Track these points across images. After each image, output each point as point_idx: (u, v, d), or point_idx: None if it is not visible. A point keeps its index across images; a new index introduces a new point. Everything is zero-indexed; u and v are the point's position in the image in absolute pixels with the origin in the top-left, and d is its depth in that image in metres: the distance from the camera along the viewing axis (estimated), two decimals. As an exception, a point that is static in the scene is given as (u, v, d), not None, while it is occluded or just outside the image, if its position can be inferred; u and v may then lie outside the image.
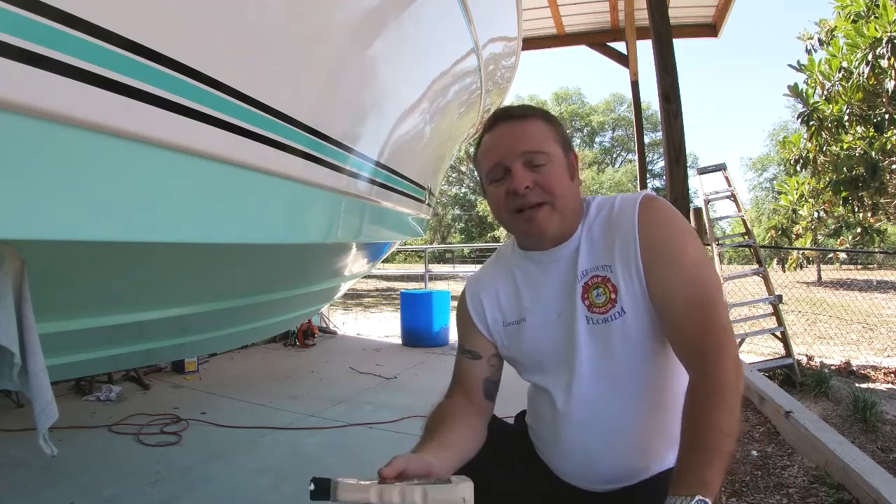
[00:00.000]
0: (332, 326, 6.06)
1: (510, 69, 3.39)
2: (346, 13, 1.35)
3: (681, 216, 0.92)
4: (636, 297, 0.88)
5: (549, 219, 0.90)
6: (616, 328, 0.89)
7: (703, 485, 0.71)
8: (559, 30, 7.03)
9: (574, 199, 0.94)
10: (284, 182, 1.22)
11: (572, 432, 0.94)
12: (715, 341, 0.82)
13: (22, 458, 2.35)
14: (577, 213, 0.95)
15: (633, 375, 0.90)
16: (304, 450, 2.50)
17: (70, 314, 1.30)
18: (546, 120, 0.95)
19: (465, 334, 1.07)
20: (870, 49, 4.42)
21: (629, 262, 0.88)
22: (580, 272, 0.92)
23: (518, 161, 0.90)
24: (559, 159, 0.92)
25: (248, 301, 1.92)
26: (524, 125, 0.93)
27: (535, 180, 0.89)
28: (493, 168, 0.93)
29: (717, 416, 0.77)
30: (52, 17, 0.66)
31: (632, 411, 0.91)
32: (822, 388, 3.63)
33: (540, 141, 0.91)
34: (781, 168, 21.58)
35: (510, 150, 0.91)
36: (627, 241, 0.89)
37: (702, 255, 0.89)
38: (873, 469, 1.96)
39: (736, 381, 0.79)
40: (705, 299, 0.84)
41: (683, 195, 4.12)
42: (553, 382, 0.96)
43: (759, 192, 29.60)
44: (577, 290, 0.92)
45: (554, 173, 0.90)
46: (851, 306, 7.29)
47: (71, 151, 0.74)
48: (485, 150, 0.96)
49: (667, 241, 0.87)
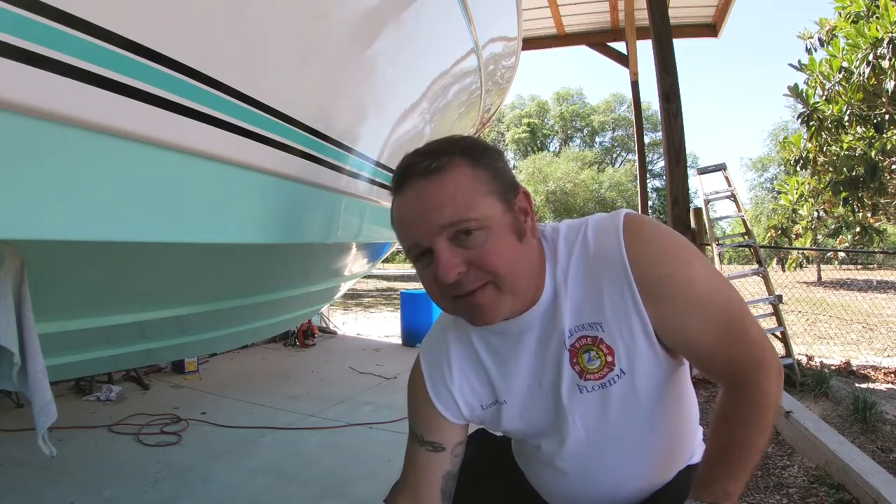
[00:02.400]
0: (332, 326, 6.06)
1: (510, 69, 3.39)
2: (346, 13, 1.35)
3: (672, 233, 0.76)
4: (639, 353, 0.75)
5: (496, 303, 0.71)
6: (616, 392, 0.77)
7: (725, 495, 0.69)
8: (559, 30, 7.03)
9: (528, 266, 0.74)
10: (284, 182, 1.22)
11: (569, 484, 0.86)
12: (752, 361, 0.73)
13: (22, 457, 2.35)
14: (535, 276, 0.75)
15: (636, 432, 0.81)
16: (304, 450, 2.50)
17: (70, 314, 1.30)
18: (470, 160, 0.71)
19: (424, 423, 0.87)
20: (870, 49, 4.42)
21: (626, 314, 0.73)
22: (565, 334, 0.76)
23: (440, 238, 0.68)
24: (497, 220, 0.70)
25: (248, 301, 1.92)
26: (440, 182, 0.69)
27: (467, 260, 0.68)
28: (412, 249, 0.72)
29: (755, 433, 0.71)
30: (52, 17, 0.65)
31: (634, 464, 0.83)
32: (822, 388, 3.62)
33: (465, 203, 0.68)
34: (781, 168, 21.58)
35: (427, 225, 0.69)
36: (618, 287, 0.72)
37: (710, 273, 0.74)
38: (873, 469, 1.96)
39: (777, 398, 0.74)
40: (731, 326, 0.73)
41: (683, 195, 4.12)
42: (547, 447, 0.85)
43: (759, 192, 29.61)
44: (563, 356, 0.76)
45: (492, 246, 0.69)
46: (851, 306, 7.29)
47: (71, 151, 0.74)
48: (397, 224, 0.74)
49: (669, 276, 0.71)
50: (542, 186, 24.82)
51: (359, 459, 2.36)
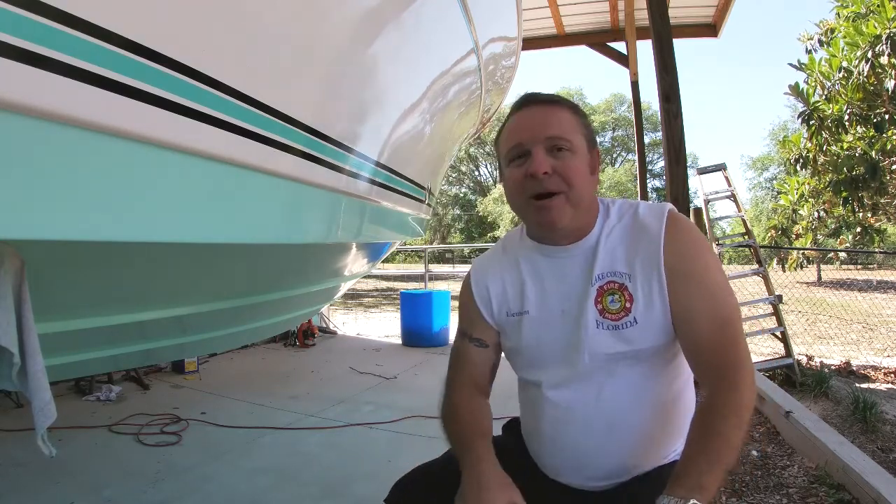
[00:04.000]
0: (332, 326, 6.06)
1: (510, 69, 3.39)
2: (346, 13, 1.35)
3: (703, 235, 0.92)
4: (652, 310, 0.87)
5: (562, 210, 0.88)
6: (624, 336, 0.88)
7: (700, 489, 0.73)
8: (559, 30, 7.03)
9: (590, 194, 0.92)
10: (284, 182, 1.22)
11: (569, 429, 0.93)
12: (734, 359, 0.83)
13: (22, 457, 2.35)
14: (591, 210, 0.93)
15: (634, 379, 0.90)
16: (304, 450, 2.50)
17: (70, 314, 1.30)
18: (574, 111, 0.93)
19: (470, 322, 1.05)
20: (870, 47, 4.42)
21: (651, 275, 0.87)
22: (596, 275, 0.90)
23: (540, 145, 0.88)
24: (582, 151, 0.90)
25: (248, 301, 1.92)
26: (552, 110, 0.91)
27: (554, 167, 0.87)
28: (514, 148, 0.90)
29: (730, 429, 0.78)
30: (52, 17, 0.65)
31: (631, 411, 0.90)
32: (822, 388, 3.62)
33: (565, 128, 0.89)
34: (782, 168, 21.58)
35: (534, 133, 0.88)
36: (652, 254, 0.87)
37: (724, 276, 0.89)
38: (873, 469, 1.96)
39: (751, 399, 0.81)
40: (727, 320, 0.85)
41: (683, 195, 4.11)
42: (550, 380, 0.95)
43: (759, 192, 29.61)
44: (590, 293, 0.90)
45: (575, 163, 0.88)
46: (851, 306, 7.28)
47: (71, 151, 0.74)
48: (508, 131, 0.94)
49: (692, 260, 0.87)
50: (542, 186, 24.79)
51: (359, 459, 2.36)
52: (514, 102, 0.95)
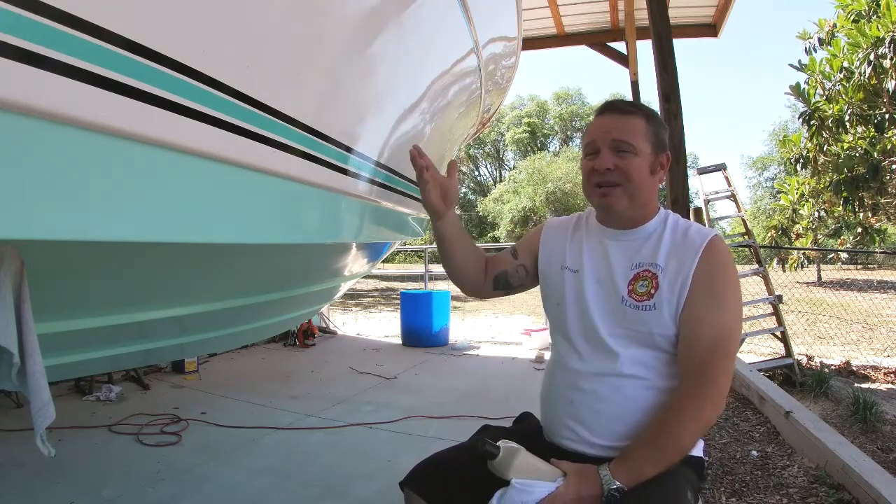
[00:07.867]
0: (332, 326, 6.06)
1: (510, 69, 3.39)
2: (346, 13, 1.35)
3: (735, 268, 1.06)
4: (670, 304, 1.00)
5: (619, 198, 1.04)
6: (642, 317, 1.01)
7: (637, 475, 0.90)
8: (559, 30, 7.01)
9: (649, 191, 1.07)
10: (284, 182, 1.22)
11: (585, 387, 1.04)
12: (712, 374, 0.95)
13: (22, 458, 2.35)
14: (648, 205, 1.08)
15: (645, 360, 1.02)
16: (304, 450, 2.50)
17: (70, 314, 1.30)
18: (648, 119, 1.07)
19: (522, 244, 1.25)
20: (872, 49, 4.42)
21: (677, 279, 1.00)
22: (637, 262, 1.05)
23: (607, 146, 1.04)
24: (645, 154, 1.05)
25: (248, 301, 1.92)
26: (624, 119, 1.06)
27: (616, 164, 1.03)
28: (588, 145, 1.08)
29: (685, 434, 0.93)
30: (52, 17, 0.65)
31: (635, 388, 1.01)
32: (822, 388, 3.63)
33: (631, 134, 1.04)
34: (782, 168, 21.57)
35: (604, 134, 1.05)
36: (687, 261, 1.01)
37: (739, 306, 1.02)
38: (873, 469, 1.96)
39: (712, 414, 0.95)
40: (723, 339, 0.97)
41: (683, 195, 4.11)
42: (573, 339, 1.09)
43: (759, 192, 29.57)
44: (627, 275, 1.05)
45: (634, 163, 1.03)
46: (851, 306, 7.29)
47: (71, 151, 0.74)
48: (588, 129, 1.12)
49: (718, 279, 1.00)
50: (542, 187, 24.73)
51: (359, 459, 2.36)
52: (598, 107, 1.13)
